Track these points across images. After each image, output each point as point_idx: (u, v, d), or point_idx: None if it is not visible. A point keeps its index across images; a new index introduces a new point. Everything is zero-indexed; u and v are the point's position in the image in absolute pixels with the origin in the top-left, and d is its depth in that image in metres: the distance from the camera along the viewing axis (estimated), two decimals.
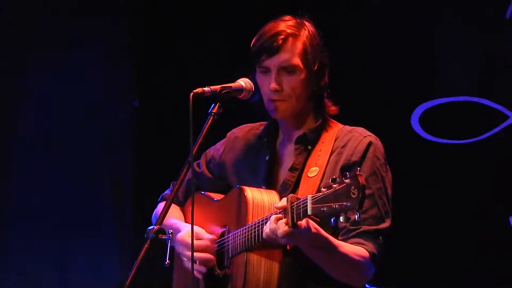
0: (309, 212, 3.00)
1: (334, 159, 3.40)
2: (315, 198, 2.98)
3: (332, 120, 3.56)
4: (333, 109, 3.56)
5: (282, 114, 3.48)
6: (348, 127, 3.51)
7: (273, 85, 3.43)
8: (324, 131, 3.50)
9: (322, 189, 2.97)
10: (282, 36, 3.44)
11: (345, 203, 2.89)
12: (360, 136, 3.44)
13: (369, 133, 3.47)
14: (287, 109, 3.45)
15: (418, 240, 5.35)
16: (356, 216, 2.90)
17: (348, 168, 3.30)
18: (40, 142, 5.79)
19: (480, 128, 5.32)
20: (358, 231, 3.31)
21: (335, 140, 3.45)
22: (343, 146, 3.42)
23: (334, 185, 2.93)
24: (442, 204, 5.35)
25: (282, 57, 3.43)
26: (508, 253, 5.24)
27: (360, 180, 2.88)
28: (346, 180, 2.91)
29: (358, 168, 3.05)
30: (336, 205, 2.90)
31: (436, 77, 5.45)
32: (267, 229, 3.16)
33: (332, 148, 3.43)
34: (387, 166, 3.43)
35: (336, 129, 3.51)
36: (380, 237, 3.34)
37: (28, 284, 5.70)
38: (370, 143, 3.41)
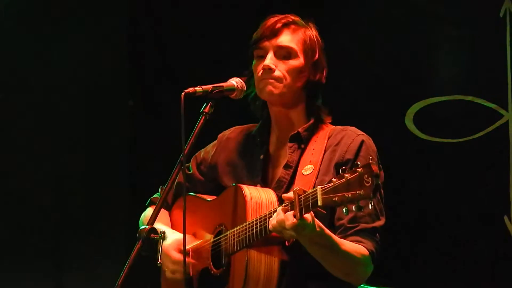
0: (319, 203, 3.00)
1: (328, 157, 3.41)
2: (326, 189, 2.99)
3: (324, 120, 3.55)
4: (326, 117, 3.55)
5: (269, 96, 3.46)
6: (339, 127, 3.52)
7: (266, 62, 3.42)
8: (316, 130, 3.50)
9: (333, 179, 2.98)
10: (284, 21, 3.46)
11: (359, 192, 2.90)
12: (353, 134, 3.45)
13: (361, 132, 3.48)
14: (275, 91, 3.43)
15: (413, 239, 5.36)
16: (370, 205, 2.94)
17: (342, 165, 3.28)
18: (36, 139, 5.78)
19: (474, 127, 5.32)
20: (356, 229, 3.32)
21: (328, 138, 3.46)
22: (337, 144, 3.43)
23: (346, 175, 2.95)
24: (437, 202, 5.35)
25: (281, 38, 3.44)
26: (503, 252, 5.24)
27: (373, 169, 2.90)
28: (358, 169, 2.93)
29: (371, 157, 3.07)
30: (348, 194, 2.92)
31: (430, 76, 5.45)
32: (273, 220, 3.15)
33: (326, 146, 3.43)
34: (380, 165, 3.43)
35: (329, 128, 3.52)
36: (377, 235, 3.35)
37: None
38: (362, 142, 3.42)
